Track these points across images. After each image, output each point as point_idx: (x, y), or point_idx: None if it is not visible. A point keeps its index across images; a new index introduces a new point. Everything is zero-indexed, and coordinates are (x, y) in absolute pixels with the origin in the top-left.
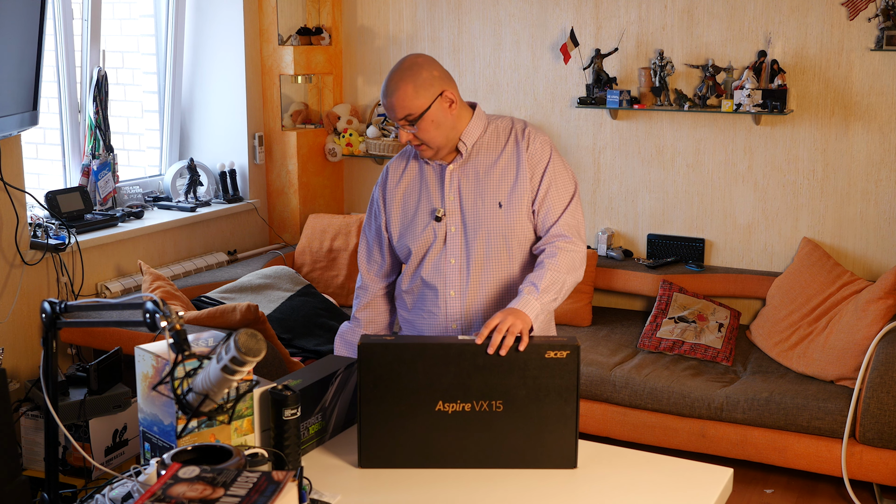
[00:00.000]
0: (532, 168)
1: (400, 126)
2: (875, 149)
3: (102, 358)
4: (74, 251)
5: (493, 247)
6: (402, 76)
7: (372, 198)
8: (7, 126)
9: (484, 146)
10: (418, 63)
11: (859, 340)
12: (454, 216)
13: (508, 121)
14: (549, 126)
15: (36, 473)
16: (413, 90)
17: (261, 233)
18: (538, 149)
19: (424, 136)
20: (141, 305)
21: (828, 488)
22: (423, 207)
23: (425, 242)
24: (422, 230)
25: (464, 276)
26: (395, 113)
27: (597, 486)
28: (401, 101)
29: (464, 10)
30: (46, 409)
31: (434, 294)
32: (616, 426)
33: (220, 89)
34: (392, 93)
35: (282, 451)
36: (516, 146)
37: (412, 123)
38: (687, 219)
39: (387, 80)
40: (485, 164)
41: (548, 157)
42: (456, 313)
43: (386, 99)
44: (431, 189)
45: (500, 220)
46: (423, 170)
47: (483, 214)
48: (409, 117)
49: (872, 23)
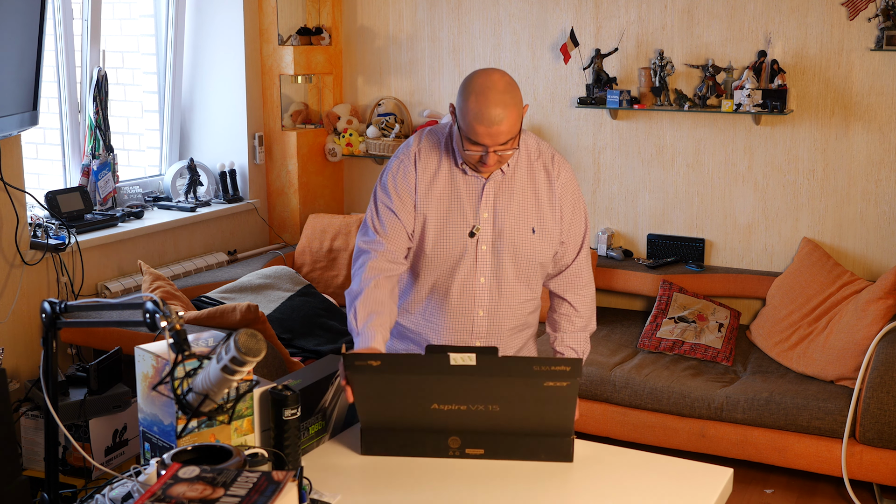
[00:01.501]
0: (560, 200)
1: (491, 151)
2: (875, 149)
3: (102, 358)
4: (74, 251)
5: (522, 269)
6: (505, 101)
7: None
8: (7, 126)
9: (518, 167)
10: (510, 82)
11: (859, 340)
12: (486, 234)
13: (534, 140)
14: (549, 126)
15: (36, 473)
16: (517, 114)
17: (261, 233)
18: (566, 182)
19: (509, 155)
20: (141, 305)
21: (828, 488)
22: (455, 219)
23: (456, 256)
24: (455, 244)
25: (494, 295)
26: (499, 139)
27: (597, 486)
28: (509, 128)
29: (464, 10)
30: (46, 409)
31: (459, 310)
32: (616, 426)
33: (220, 89)
34: (500, 121)
35: (282, 451)
36: (547, 174)
37: (508, 146)
38: (687, 219)
39: (485, 106)
40: (521, 185)
41: (573, 191)
42: (482, 331)
43: (490, 127)
44: (465, 201)
45: (532, 245)
46: (454, 177)
47: (517, 236)
48: (510, 141)
49: (872, 23)
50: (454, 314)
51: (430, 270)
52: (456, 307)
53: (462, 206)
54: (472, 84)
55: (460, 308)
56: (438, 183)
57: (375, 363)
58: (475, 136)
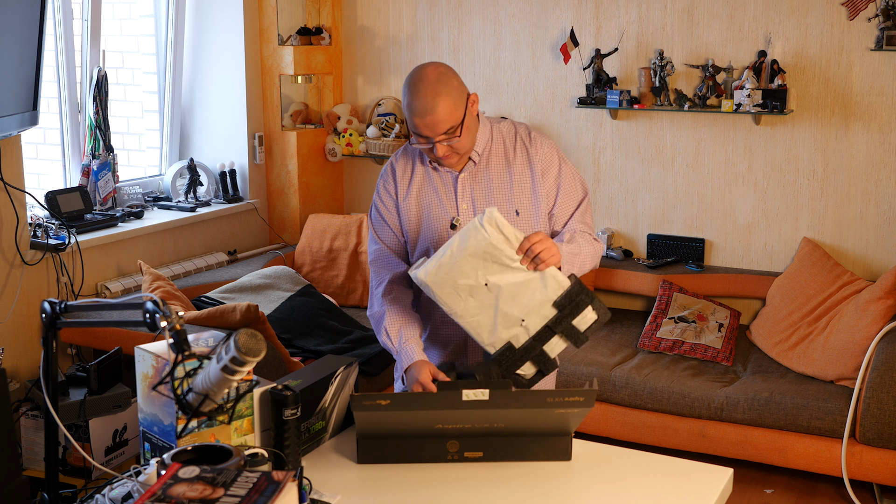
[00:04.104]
0: (543, 174)
1: (437, 141)
2: (875, 149)
3: (102, 358)
4: (74, 251)
5: None
6: (435, 90)
7: (377, 208)
8: (7, 126)
9: (494, 153)
10: (442, 72)
11: (859, 340)
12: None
13: (510, 125)
14: (549, 126)
15: (36, 473)
16: (452, 102)
17: (261, 233)
18: (546, 154)
19: (459, 145)
20: (141, 305)
21: (828, 488)
22: (436, 214)
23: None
24: (438, 236)
25: None
26: (437, 129)
27: (597, 486)
28: (443, 116)
29: (464, 10)
30: (46, 409)
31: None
32: (616, 426)
33: (220, 89)
34: (432, 110)
35: (282, 451)
36: (526, 152)
37: (451, 135)
38: (687, 219)
39: (416, 98)
40: (497, 171)
41: (557, 163)
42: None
43: (424, 117)
44: (443, 196)
45: (519, 228)
46: (430, 175)
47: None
48: (452, 130)
49: (872, 23)
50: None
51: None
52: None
53: (441, 201)
54: (408, 79)
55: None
56: (415, 184)
57: (385, 402)
58: (415, 129)
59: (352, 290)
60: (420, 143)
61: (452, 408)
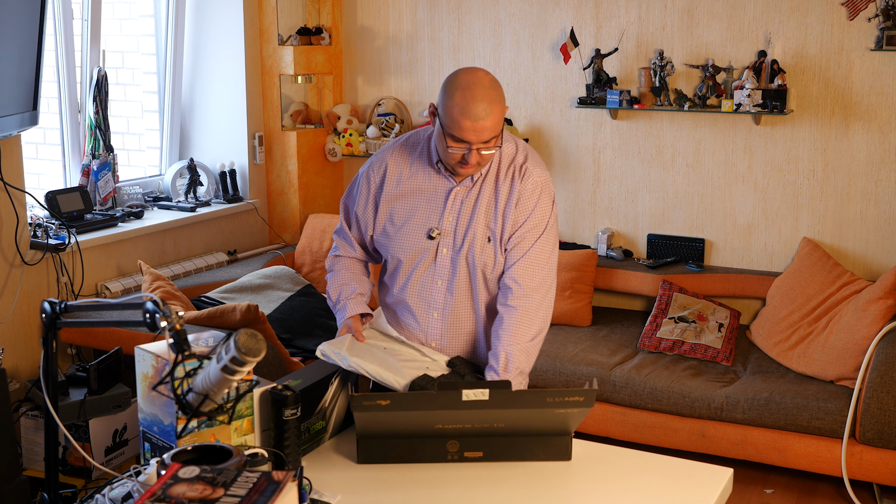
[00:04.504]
0: (517, 202)
1: (475, 148)
2: (875, 149)
3: (102, 358)
4: (74, 251)
5: (476, 276)
6: (490, 96)
7: (357, 183)
8: (7, 126)
9: (489, 174)
10: (493, 80)
11: (859, 340)
12: (447, 238)
13: (513, 147)
14: (549, 126)
15: (36, 473)
16: (501, 111)
17: (261, 233)
18: (529, 188)
19: (490, 156)
20: (141, 305)
21: (828, 488)
22: (418, 219)
23: (415, 257)
24: (414, 243)
25: (448, 298)
26: (483, 135)
27: (596, 486)
28: (493, 124)
29: (464, 10)
30: (46, 409)
31: (416, 311)
32: (616, 426)
33: (220, 89)
34: (486, 116)
35: (282, 451)
36: (511, 180)
37: (491, 145)
38: (687, 219)
39: (472, 101)
40: (486, 193)
41: (535, 197)
42: (436, 333)
43: (476, 122)
44: (431, 203)
45: (486, 254)
46: (425, 179)
47: (475, 244)
48: (494, 139)
49: (872, 23)
50: (411, 313)
51: (391, 264)
52: (414, 307)
53: (427, 207)
54: (457, 81)
55: (417, 308)
56: (406, 184)
57: (384, 402)
58: (460, 132)
59: None
60: (455, 148)
61: (452, 408)
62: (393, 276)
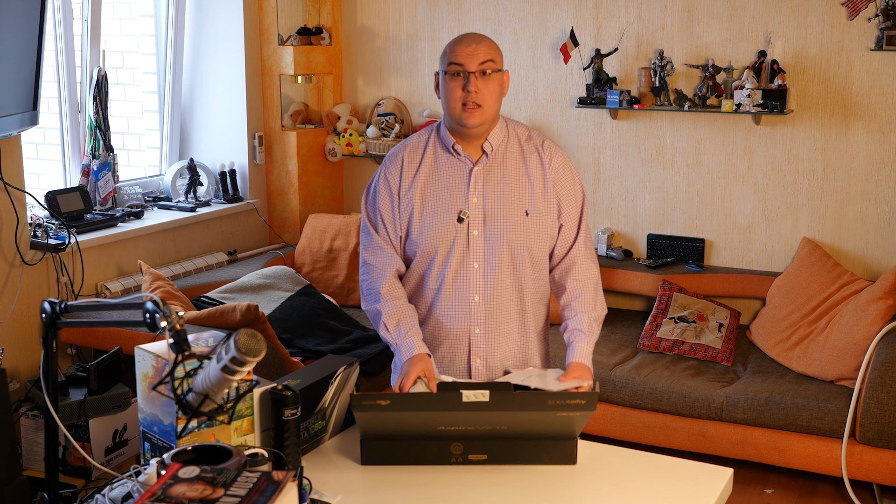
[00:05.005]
0: (555, 183)
1: (472, 73)
2: (875, 149)
3: (102, 358)
4: (74, 251)
5: (517, 254)
6: (486, 37)
7: (374, 187)
8: (7, 126)
9: (510, 151)
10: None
11: (859, 340)
12: (476, 220)
13: (524, 128)
14: (549, 126)
15: (36, 473)
16: (495, 48)
17: (261, 233)
18: (560, 165)
19: (488, 93)
20: (141, 305)
21: (828, 488)
22: (443, 206)
23: (448, 243)
24: (444, 230)
25: (488, 280)
26: (478, 56)
27: (597, 487)
28: (487, 49)
29: (464, 10)
30: (46, 409)
31: (457, 298)
32: (616, 426)
33: (220, 89)
34: (479, 41)
35: (282, 451)
36: (539, 158)
37: (485, 73)
38: (687, 219)
39: (462, 36)
40: (512, 170)
41: (570, 175)
42: (479, 317)
43: (469, 46)
44: (453, 187)
45: (526, 228)
46: (440, 166)
47: (509, 221)
48: (492, 64)
49: (872, 23)
50: (451, 300)
51: (423, 258)
52: (451, 293)
53: (450, 192)
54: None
55: (456, 294)
56: (422, 175)
57: (384, 402)
58: (454, 57)
59: (352, 290)
60: (455, 85)
61: (453, 409)
62: (428, 269)
